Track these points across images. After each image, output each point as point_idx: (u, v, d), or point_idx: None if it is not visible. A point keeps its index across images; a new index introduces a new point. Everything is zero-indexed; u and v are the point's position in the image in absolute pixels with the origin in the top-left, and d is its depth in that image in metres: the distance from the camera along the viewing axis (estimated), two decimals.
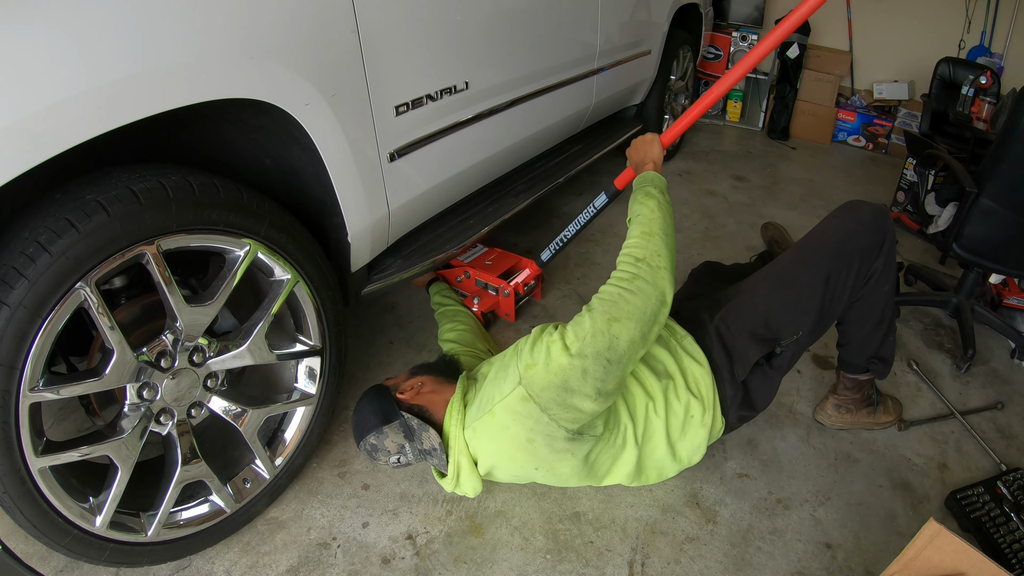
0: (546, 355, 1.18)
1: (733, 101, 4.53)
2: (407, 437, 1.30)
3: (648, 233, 1.29)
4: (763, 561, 1.38)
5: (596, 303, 1.22)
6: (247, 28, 1.05)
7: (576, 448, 1.26)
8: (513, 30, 1.82)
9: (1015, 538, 1.40)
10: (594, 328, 1.17)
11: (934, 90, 3.08)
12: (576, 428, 1.22)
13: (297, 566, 1.32)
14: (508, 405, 1.20)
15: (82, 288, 0.97)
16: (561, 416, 1.19)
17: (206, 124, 1.28)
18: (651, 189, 1.39)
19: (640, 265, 1.24)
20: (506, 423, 1.22)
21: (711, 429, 1.38)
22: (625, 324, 1.18)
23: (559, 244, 2.01)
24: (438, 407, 1.33)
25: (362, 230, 1.42)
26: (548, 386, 1.17)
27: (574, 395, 1.17)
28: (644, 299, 1.21)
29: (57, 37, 0.83)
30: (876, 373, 1.63)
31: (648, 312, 1.21)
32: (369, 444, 1.31)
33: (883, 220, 1.44)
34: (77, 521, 1.09)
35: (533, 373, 1.18)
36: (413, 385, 1.37)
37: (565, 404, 1.18)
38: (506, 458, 1.28)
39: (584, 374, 1.16)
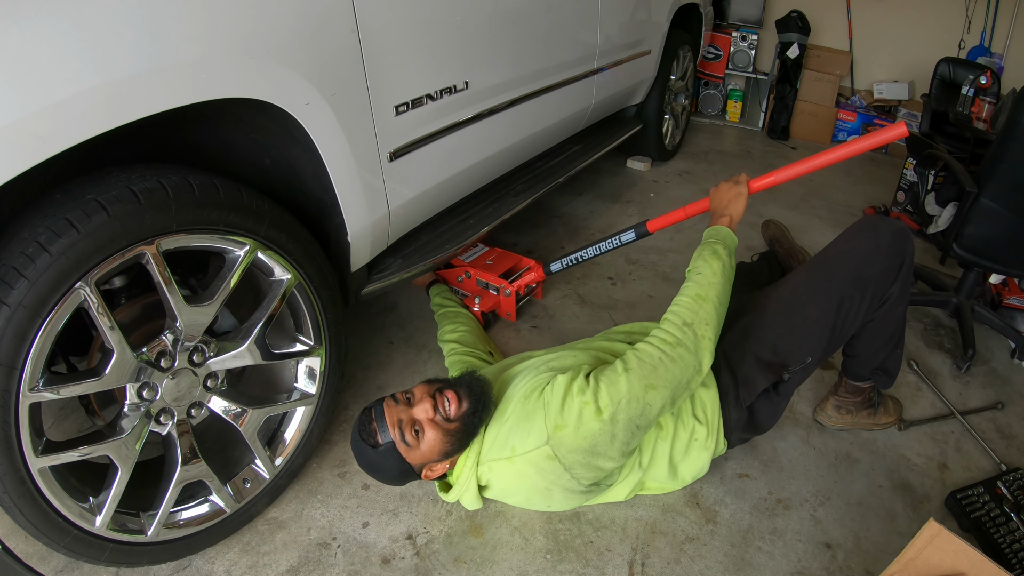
0: (577, 418, 1.17)
1: (733, 101, 4.53)
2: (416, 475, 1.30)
3: (703, 298, 1.27)
4: (763, 561, 1.38)
5: (635, 363, 1.20)
6: (248, 27, 1.05)
7: (590, 494, 1.31)
8: (513, 30, 1.82)
9: (1015, 538, 1.40)
10: (630, 393, 1.16)
11: (934, 90, 3.08)
12: (596, 482, 1.26)
13: (297, 566, 1.32)
14: (531, 459, 1.20)
15: (82, 288, 0.97)
16: (583, 474, 1.21)
17: (206, 124, 1.28)
18: (720, 248, 1.34)
19: (686, 331, 1.23)
20: (525, 473, 1.23)
21: (713, 451, 1.40)
22: (660, 392, 1.18)
23: (572, 262, 1.99)
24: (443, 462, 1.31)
25: (362, 230, 1.42)
26: (576, 449, 1.18)
27: (599, 457, 1.19)
28: (683, 368, 1.20)
29: (60, 35, 0.83)
30: (879, 383, 1.62)
31: (683, 381, 1.21)
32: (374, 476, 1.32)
33: (902, 243, 1.36)
34: (77, 521, 1.09)
35: (562, 435, 1.17)
36: (440, 469, 1.32)
37: (589, 465, 1.20)
38: (520, 498, 1.33)
39: (612, 439, 1.17)
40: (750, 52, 4.34)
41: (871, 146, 1.44)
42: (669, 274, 2.46)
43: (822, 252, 1.43)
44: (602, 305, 2.22)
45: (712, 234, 1.40)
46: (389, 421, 1.21)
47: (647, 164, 3.50)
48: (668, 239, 2.72)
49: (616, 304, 2.25)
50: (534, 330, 2.09)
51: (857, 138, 1.47)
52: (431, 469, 1.27)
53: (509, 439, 1.23)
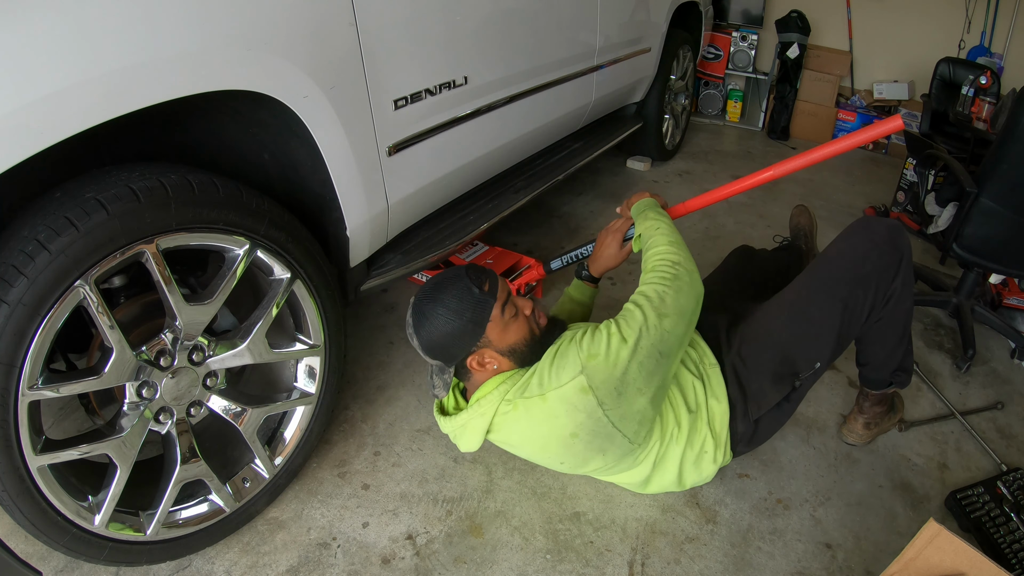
0: (607, 347, 1.19)
1: (733, 101, 4.53)
2: (435, 372, 1.29)
3: (676, 243, 1.36)
4: (763, 561, 1.38)
5: (642, 300, 1.25)
6: (247, 20, 1.05)
7: (610, 452, 1.27)
8: (513, 26, 1.81)
9: (1015, 538, 1.40)
10: (647, 322, 1.21)
11: (934, 90, 3.08)
12: (620, 428, 1.23)
13: (297, 566, 1.32)
14: (564, 395, 1.19)
15: (81, 286, 0.97)
16: (614, 411, 1.20)
17: (204, 119, 1.27)
18: (649, 212, 1.46)
19: (679, 268, 1.30)
20: (556, 412, 1.21)
21: (720, 464, 1.39)
22: (673, 319, 1.24)
23: (572, 259, 1.99)
24: (486, 375, 1.29)
25: (361, 225, 1.42)
26: (609, 378, 1.18)
27: (629, 387, 1.20)
28: (686, 297, 1.27)
29: (58, 25, 0.83)
30: (899, 384, 1.60)
31: (689, 309, 1.27)
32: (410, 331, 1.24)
33: (898, 238, 1.38)
34: (76, 520, 1.09)
35: (595, 364, 1.18)
36: (492, 360, 1.28)
37: (622, 397, 1.20)
38: (537, 445, 1.28)
39: (640, 367, 1.20)
40: (750, 52, 4.34)
41: (870, 138, 1.44)
42: None
43: (820, 255, 1.43)
44: (602, 305, 2.22)
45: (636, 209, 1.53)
46: (501, 289, 1.26)
47: (647, 164, 3.50)
48: None
49: (616, 304, 2.24)
50: None
51: (855, 132, 1.47)
52: (483, 357, 1.25)
53: (543, 378, 1.23)
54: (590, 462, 1.30)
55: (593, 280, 1.68)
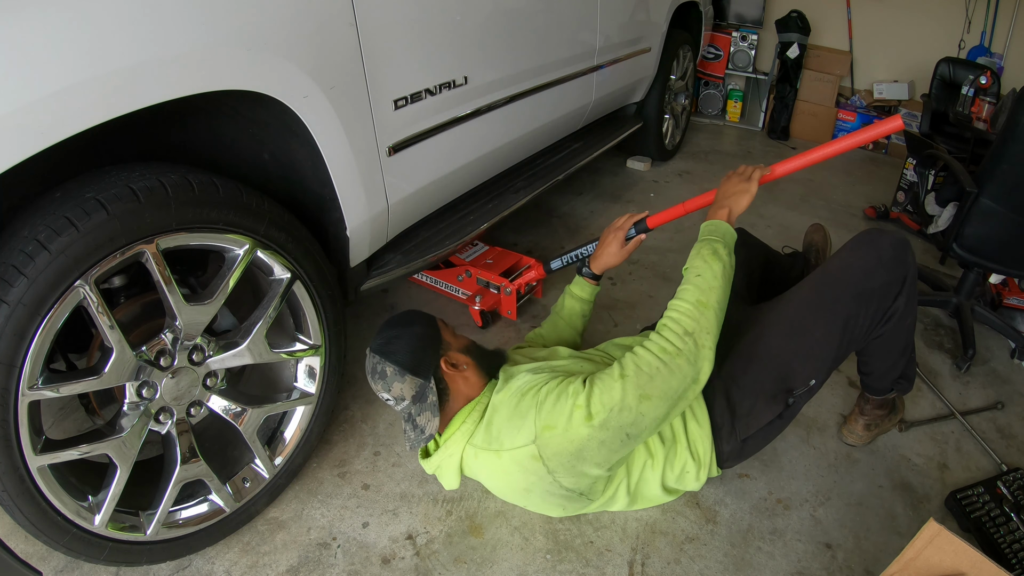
0: (567, 420, 1.14)
1: (733, 101, 4.53)
2: (416, 400, 1.25)
3: (704, 304, 1.21)
4: (763, 561, 1.38)
5: (631, 370, 1.15)
6: (247, 20, 1.05)
7: (569, 504, 1.30)
8: (513, 25, 1.81)
9: (1015, 538, 1.40)
10: (623, 402, 1.13)
11: (934, 90, 3.08)
12: (577, 490, 1.25)
13: (297, 566, 1.32)
14: (516, 457, 1.20)
15: (81, 286, 0.97)
16: (565, 480, 1.21)
17: (206, 119, 1.27)
18: (720, 248, 1.28)
19: (687, 340, 1.17)
20: (510, 470, 1.22)
21: (703, 480, 1.37)
22: (655, 403, 1.15)
23: (573, 259, 1.99)
24: (458, 399, 1.29)
25: (361, 224, 1.42)
26: (561, 452, 1.16)
27: (585, 463, 1.18)
28: (680, 380, 1.16)
29: (59, 25, 0.83)
30: (901, 390, 1.61)
31: (679, 392, 1.17)
32: (381, 368, 1.25)
33: (904, 254, 1.33)
34: (76, 520, 1.09)
35: (549, 436, 1.15)
36: (460, 361, 1.29)
37: (573, 470, 1.19)
38: (502, 491, 1.34)
39: (601, 445, 1.15)
40: (750, 52, 4.34)
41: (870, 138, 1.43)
42: (669, 274, 2.46)
43: (821, 269, 1.39)
44: (602, 305, 2.22)
45: (711, 230, 1.33)
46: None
47: (647, 164, 3.50)
48: (668, 239, 2.72)
49: (616, 304, 2.25)
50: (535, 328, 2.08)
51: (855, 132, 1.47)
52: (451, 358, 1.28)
53: (500, 433, 1.22)
54: (555, 510, 1.35)
55: (595, 277, 1.67)
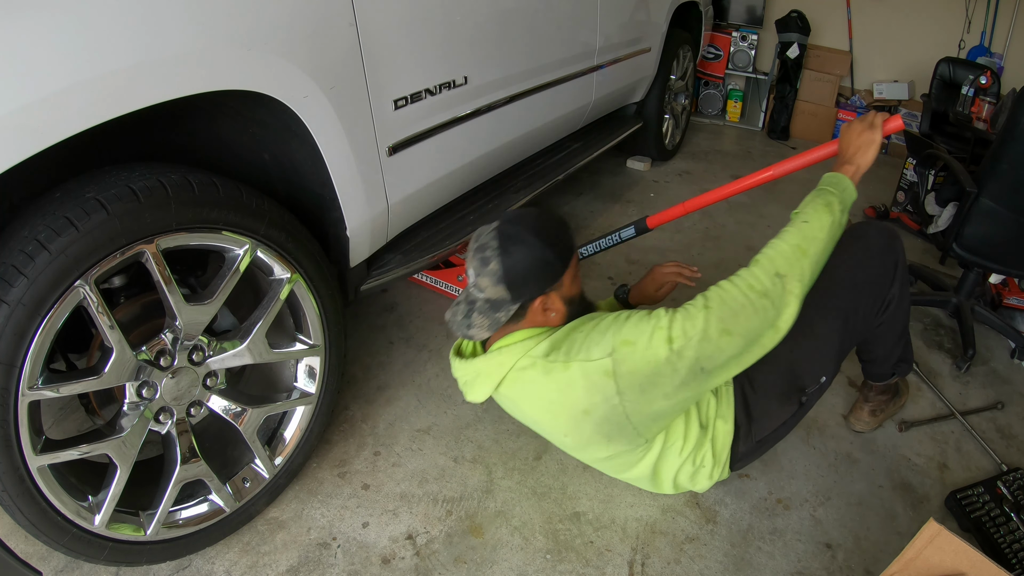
0: (648, 339, 1.11)
1: (733, 101, 4.53)
2: (488, 305, 1.18)
3: (802, 250, 1.17)
4: (763, 561, 1.38)
5: (716, 303, 1.12)
6: (247, 20, 1.05)
7: (616, 438, 1.22)
8: (513, 25, 1.81)
9: (1015, 538, 1.39)
10: (705, 332, 1.10)
11: (934, 90, 3.08)
12: (633, 422, 1.18)
13: (297, 566, 1.32)
14: (587, 370, 1.14)
15: (81, 286, 0.97)
16: (630, 404, 1.15)
17: (204, 119, 1.27)
18: (835, 202, 1.23)
19: (776, 282, 1.14)
20: (574, 384, 1.15)
21: (714, 480, 1.39)
22: (735, 339, 1.12)
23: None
24: (525, 325, 1.23)
25: (361, 224, 1.42)
26: (635, 371, 1.11)
27: (655, 389, 1.13)
28: (762, 321, 1.13)
29: (58, 25, 0.83)
30: (901, 373, 1.63)
31: (758, 334, 1.14)
32: (488, 256, 1.16)
33: (891, 241, 1.35)
34: (76, 520, 1.09)
35: (627, 352, 1.11)
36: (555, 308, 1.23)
37: (643, 395, 1.13)
38: (546, 411, 1.22)
39: (674, 373, 1.12)
40: (750, 52, 4.34)
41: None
42: None
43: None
44: None
45: (832, 181, 1.27)
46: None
47: (647, 164, 3.50)
48: (668, 239, 2.72)
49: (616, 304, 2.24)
50: None
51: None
52: (550, 301, 1.21)
53: (573, 346, 1.16)
54: (593, 446, 1.26)
55: (628, 306, 1.67)
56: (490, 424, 1.70)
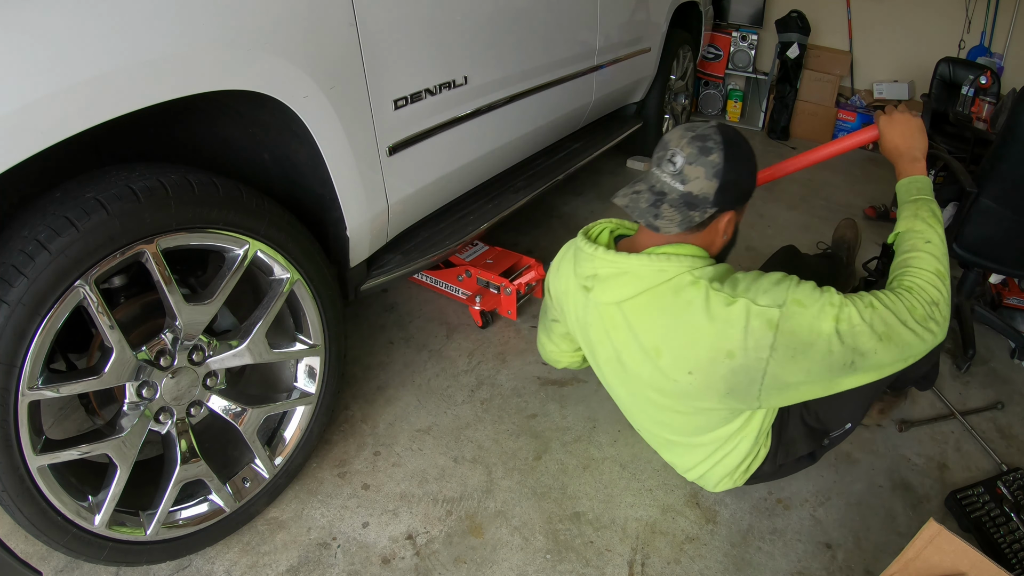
0: (819, 310, 1.06)
1: (733, 101, 4.53)
2: (686, 200, 1.11)
3: (942, 275, 1.15)
4: (763, 561, 1.38)
5: (882, 309, 1.08)
6: (247, 20, 1.05)
7: (731, 398, 1.16)
8: (513, 25, 1.81)
9: (1015, 538, 1.40)
10: (871, 328, 1.07)
11: (934, 90, 3.08)
12: (765, 383, 1.11)
13: (297, 566, 1.32)
14: (752, 312, 1.07)
15: (81, 286, 0.97)
16: (775, 366, 1.08)
17: (204, 119, 1.27)
18: (936, 208, 1.21)
19: (932, 311, 1.11)
20: (732, 321, 1.07)
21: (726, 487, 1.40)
22: (890, 348, 1.09)
23: None
24: (696, 241, 1.16)
25: (361, 224, 1.42)
26: (797, 332, 1.06)
27: (804, 359, 1.07)
28: (918, 344, 1.10)
29: (57, 25, 0.83)
30: (921, 388, 1.66)
31: (911, 354, 1.12)
32: (710, 147, 1.11)
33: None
34: (76, 520, 1.09)
35: (797, 311, 1.06)
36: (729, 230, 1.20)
37: (791, 359, 1.07)
38: (682, 340, 1.13)
39: (828, 355, 1.07)
40: (750, 52, 4.34)
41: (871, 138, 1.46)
42: None
43: None
44: None
45: (920, 187, 1.26)
46: None
47: (647, 164, 3.50)
48: None
49: None
50: (534, 329, 2.09)
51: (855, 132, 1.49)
52: (730, 216, 1.18)
53: (744, 283, 1.10)
54: (709, 392, 1.16)
55: None
56: (490, 424, 1.70)
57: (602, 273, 1.19)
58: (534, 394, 1.81)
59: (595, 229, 1.29)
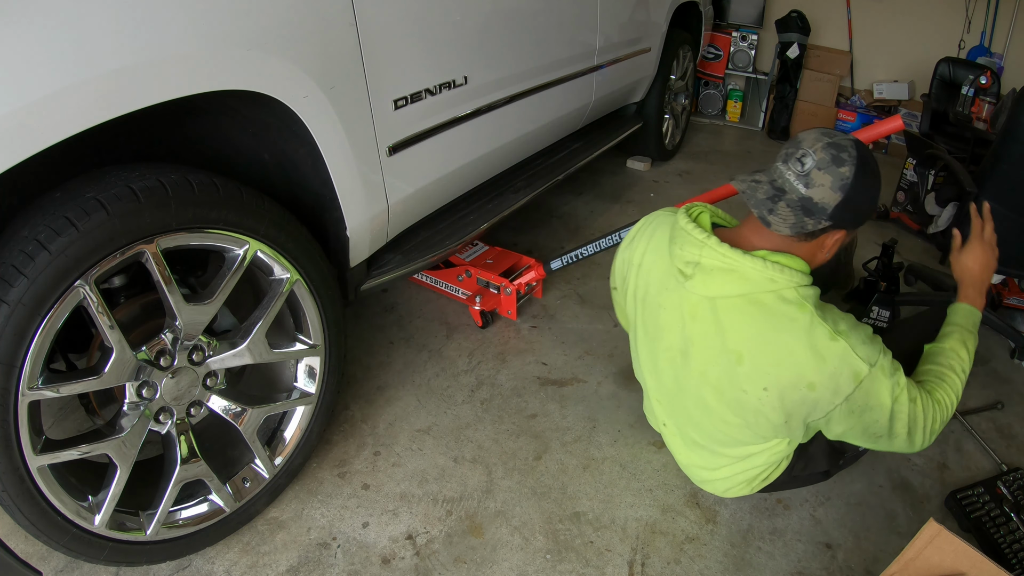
0: (891, 385, 1.12)
1: (733, 101, 4.53)
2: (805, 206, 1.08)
3: (959, 398, 1.25)
4: (763, 561, 1.38)
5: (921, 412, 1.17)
6: (246, 19, 1.05)
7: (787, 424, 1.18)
8: (513, 25, 1.81)
9: (1015, 538, 1.39)
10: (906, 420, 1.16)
11: (934, 90, 3.08)
12: (819, 423, 1.17)
13: (297, 566, 1.32)
14: (848, 360, 1.08)
15: (81, 286, 0.97)
16: (837, 413, 1.12)
17: (204, 119, 1.27)
18: (976, 337, 1.31)
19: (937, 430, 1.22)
20: (829, 359, 1.08)
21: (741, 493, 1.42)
22: (899, 438, 1.19)
23: (572, 259, 2.00)
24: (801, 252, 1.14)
25: (361, 224, 1.42)
26: (868, 395, 1.11)
27: (858, 419, 1.14)
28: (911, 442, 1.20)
29: (57, 24, 0.83)
30: None
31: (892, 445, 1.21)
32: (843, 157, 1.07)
33: None
34: (76, 520, 1.09)
35: (879, 378, 1.10)
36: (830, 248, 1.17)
37: (850, 414, 1.13)
38: (770, 355, 1.11)
39: (875, 422, 1.14)
40: (750, 52, 4.34)
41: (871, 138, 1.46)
42: None
43: None
44: (602, 305, 2.22)
45: (975, 322, 1.36)
46: None
47: (647, 164, 3.50)
48: None
49: None
50: (534, 330, 2.09)
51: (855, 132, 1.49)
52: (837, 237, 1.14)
53: (842, 323, 1.11)
54: (771, 412, 1.16)
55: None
56: (490, 424, 1.70)
57: (707, 264, 1.14)
58: (534, 394, 1.81)
59: (694, 211, 1.23)
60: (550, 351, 1.99)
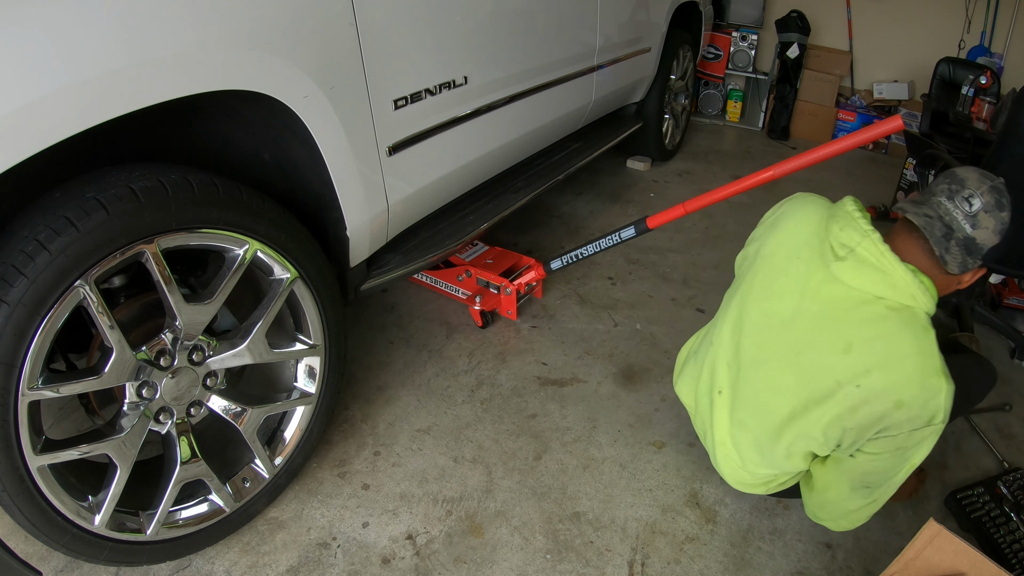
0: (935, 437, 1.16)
1: (733, 101, 4.53)
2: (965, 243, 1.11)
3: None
4: (763, 561, 1.38)
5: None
6: (246, 19, 1.05)
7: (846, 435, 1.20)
8: (513, 25, 1.81)
9: (1015, 538, 1.40)
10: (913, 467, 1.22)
11: (934, 90, 3.08)
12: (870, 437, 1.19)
13: (297, 566, 1.32)
14: (939, 401, 1.12)
15: (81, 286, 0.97)
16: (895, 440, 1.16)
17: (204, 119, 1.27)
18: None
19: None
20: (930, 391, 1.11)
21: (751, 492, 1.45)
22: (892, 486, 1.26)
23: (572, 259, 2.00)
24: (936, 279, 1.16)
25: (361, 224, 1.42)
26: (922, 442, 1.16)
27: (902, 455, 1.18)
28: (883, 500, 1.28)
29: (58, 24, 0.83)
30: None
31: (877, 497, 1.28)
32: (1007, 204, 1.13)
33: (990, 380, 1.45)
34: (76, 520, 1.09)
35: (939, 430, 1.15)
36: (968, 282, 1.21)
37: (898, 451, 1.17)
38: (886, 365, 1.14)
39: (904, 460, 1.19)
40: (750, 52, 4.34)
41: (871, 138, 1.46)
42: (669, 274, 2.46)
43: None
44: (602, 305, 2.22)
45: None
46: None
47: (647, 164, 3.50)
48: (668, 239, 2.72)
49: (616, 304, 2.25)
50: (534, 330, 2.09)
51: (855, 132, 1.48)
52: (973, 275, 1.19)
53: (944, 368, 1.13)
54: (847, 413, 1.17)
55: None
56: (490, 424, 1.70)
57: (861, 254, 1.16)
58: (534, 394, 1.81)
59: (857, 203, 1.24)
60: (550, 351, 1.99)
